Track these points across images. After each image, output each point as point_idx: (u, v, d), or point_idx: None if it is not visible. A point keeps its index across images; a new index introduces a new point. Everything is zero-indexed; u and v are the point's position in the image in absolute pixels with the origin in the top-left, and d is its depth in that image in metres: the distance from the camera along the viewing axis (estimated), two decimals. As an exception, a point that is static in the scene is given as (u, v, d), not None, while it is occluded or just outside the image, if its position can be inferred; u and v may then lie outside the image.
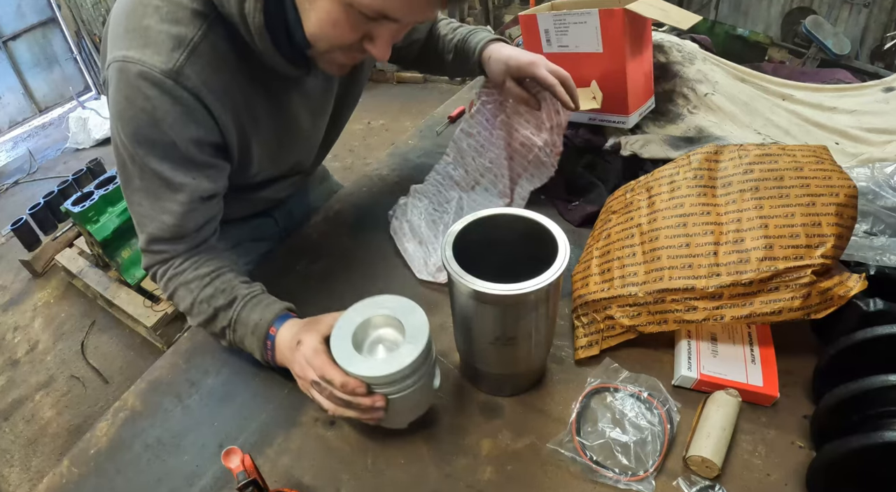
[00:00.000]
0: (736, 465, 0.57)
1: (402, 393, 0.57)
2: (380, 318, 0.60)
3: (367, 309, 0.61)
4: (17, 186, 3.80)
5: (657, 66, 1.11)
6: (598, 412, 0.63)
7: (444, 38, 0.97)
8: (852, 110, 1.08)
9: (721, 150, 0.76)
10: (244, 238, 1.01)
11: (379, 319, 0.61)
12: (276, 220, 1.07)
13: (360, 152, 3.61)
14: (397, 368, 0.54)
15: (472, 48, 0.92)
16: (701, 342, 0.66)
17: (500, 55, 0.88)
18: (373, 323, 0.61)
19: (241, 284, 0.70)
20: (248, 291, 0.69)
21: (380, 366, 0.55)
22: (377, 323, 0.61)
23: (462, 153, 1.02)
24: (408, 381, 0.57)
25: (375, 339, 0.61)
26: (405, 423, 0.63)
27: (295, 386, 0.73)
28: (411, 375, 0.56)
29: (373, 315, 0.60)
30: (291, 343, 0.63)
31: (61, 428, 1.99)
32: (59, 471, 0.67)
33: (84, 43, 4.55)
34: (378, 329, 0.61)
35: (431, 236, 0.92)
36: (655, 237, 0.71)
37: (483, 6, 4.45)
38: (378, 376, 0.55)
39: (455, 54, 0.96)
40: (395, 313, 0.59)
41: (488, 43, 0.92)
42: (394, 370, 0.54)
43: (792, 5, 3.36)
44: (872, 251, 0.66)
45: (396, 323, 0.60)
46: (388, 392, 0.57)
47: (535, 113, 0.92)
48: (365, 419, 0.59)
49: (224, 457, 0.53)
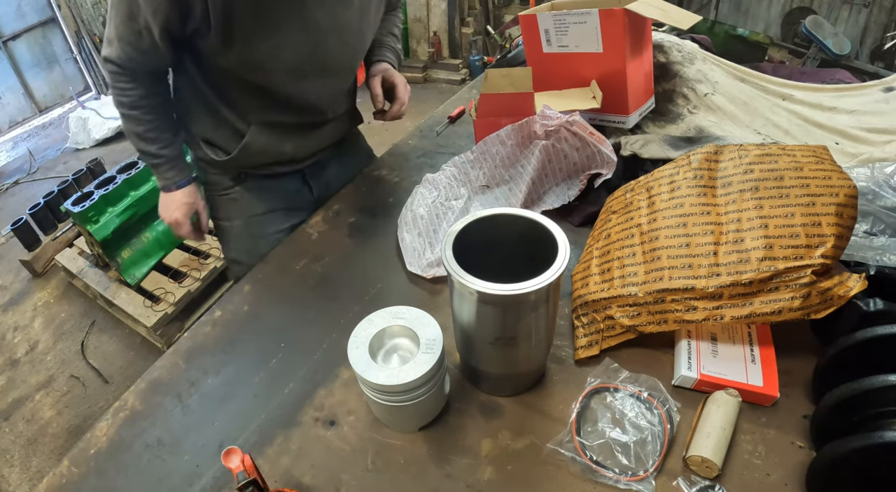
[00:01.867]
0: (736, 465, 0.57)
1: (415, 401, 0.59)
2: (396, 328, 0.62)
3: (383, 319, 0.62)
4: (17, 185, 3.80)
5: (657, 66, 1.11)
6: (598, 412, 0.63)
7: (383, 26, 1.09)
8: (852, 110, 1.08)
9: (721, 150, 0.76)
10: (279, 205, 1.09)
11: (395, 329, 0.63)
12: (312, 188, 1.13)
13: (360, 152, 3.60)
14: (413, 378, 0.56)
15: (376, 55, 1.10)
16: (701, 342, 0.66)
17: (384, 66, 1.07)
18: (388, 332, 0.63)
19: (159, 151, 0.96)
20: (161, 158, 0.97)
21: (396, 375, 0.57)
22: (393, 332, 0.63)
23: (487, 156, 1.02)
24: (421, 389, 0.59)
25: (391, 348, 0.63)
26: (416, 427, 0.65)
27: (296, 385, 0.73)
28: (425, 384, 0.58)
29: (389, 325, 0.62)
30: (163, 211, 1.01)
31: (61, 428, 1.99)
32: (59, 471, 0.67)
33: (84, 43, 4.55)
34: (394, 338, 0.63)
35: (431, 231, 0.92)
36: (655, 237, 0.70)
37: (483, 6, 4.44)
38: (394, 386, 0.56)
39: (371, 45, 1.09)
40: (411, 325, 0.61)
41: (384, 62, 1.09)
42: (409, 380, 0.56)
43: (792, 5, 3.36)
44: (872, 251, 0.66)
45: (412, 334, 0.61)
46: (403, 399, 0.59)
47: (587, 151, 0.94)
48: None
49: (224, 457, 0.53)
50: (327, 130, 1.07)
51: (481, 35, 4.41)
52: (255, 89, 0.91)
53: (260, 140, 0.98)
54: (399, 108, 1.04)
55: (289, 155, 1.05)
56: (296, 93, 0.94)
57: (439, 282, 0.85)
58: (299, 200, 1.12)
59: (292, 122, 1.00)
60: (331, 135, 1.09)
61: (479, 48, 4.33)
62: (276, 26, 0.82)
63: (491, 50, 4.43)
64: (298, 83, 0.93)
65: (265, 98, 0.93)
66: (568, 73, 1.06)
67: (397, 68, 1.09)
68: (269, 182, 1.08)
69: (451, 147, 1.25)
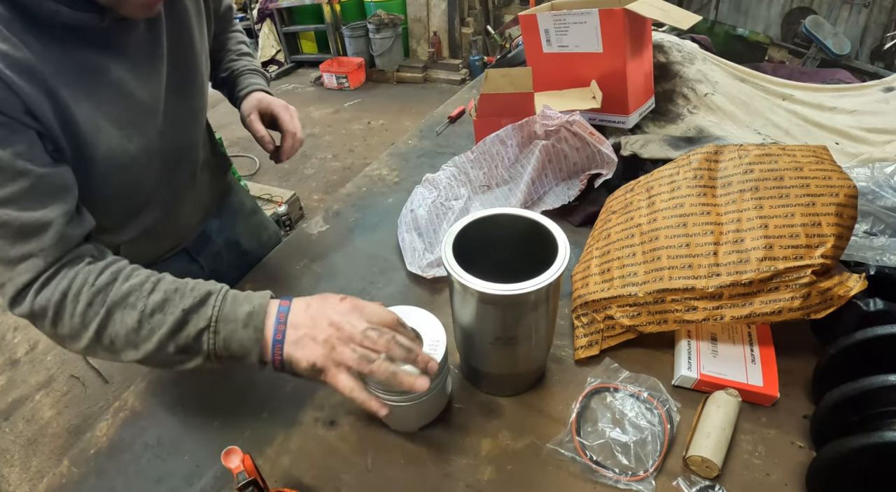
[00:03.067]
0: (736, 465, 0.57)
1: (417, 401, 0.59)
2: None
3: None
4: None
5: (657, 66, 1.11)
6: (598, 412, 0.63)
7: (227, 50, 0.95)
8: (852, 110, 1.08)
9: (721, 150, 0.76)
10: None
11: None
12: (202, 264, 0.94)
13: (360, 152, 3.61)
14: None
15: (241, 86, 0.91)
16: (701, 342, 0.66)
17: (256, 96, 0.89)
18: None
19: (199, 281, 0.57)
20: (219, 286, 0.57)
21: None
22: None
23: (487, 156, 1.01)
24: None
25: None
26: (417, 427, 0.64)
27: (296, 385, 0.72)
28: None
29: None
30: (321, 302, 0.55)
31: (61, 428, 1.99)
32: (59, 471, 0.67)
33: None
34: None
35: (430, 231, 0.92)
36: (655, 237, 0.71)
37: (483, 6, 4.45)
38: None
39: (226, 78, 0.94)
40: (414, 325, 0.60)
41: (254, 91, 0.90)
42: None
43: (792, 5, 3.36)
44: (872, 251, 0.66)
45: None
46: (405, 400, 0.58)
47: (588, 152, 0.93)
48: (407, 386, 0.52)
49: (224, 457, 0.53)
50: (195, 197, 0.87)
51: (481, 35, 4.41)
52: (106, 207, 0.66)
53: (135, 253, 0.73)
54: (293, 141, 0.85)
55: (168, 246, 0.86)
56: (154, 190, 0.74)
57: (439, 282, 0.85)
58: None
59: (154, 204, 0.76)
60: (200, 200, 0.89)
61: (479, 48, 4.33)
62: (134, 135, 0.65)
63: (491, 50, 4.44)
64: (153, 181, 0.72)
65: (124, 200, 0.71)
66: (568, 73, 1.06)
67: (269, 91, 0.91)
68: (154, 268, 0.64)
69: (451, 147, 1.25)
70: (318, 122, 4.13)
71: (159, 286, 0.55)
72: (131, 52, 0.63)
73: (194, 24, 0.72)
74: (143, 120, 0.67)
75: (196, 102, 0.77)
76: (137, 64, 0.64)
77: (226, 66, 0.95)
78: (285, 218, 2.75)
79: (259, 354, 0.54)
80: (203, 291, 0.55)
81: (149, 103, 0.67)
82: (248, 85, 0.90)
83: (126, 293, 0.54)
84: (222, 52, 0.95)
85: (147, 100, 0.66)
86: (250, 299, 0.55)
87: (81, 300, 0.53)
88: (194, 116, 0.78)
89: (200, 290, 0.55)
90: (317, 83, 4.83)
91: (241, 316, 0.54)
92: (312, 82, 4.88)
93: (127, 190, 0.70)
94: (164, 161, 0.73)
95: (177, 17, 0.69)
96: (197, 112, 0.78)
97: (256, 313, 0.54)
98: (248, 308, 0.54)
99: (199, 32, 0.74)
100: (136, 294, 0.54)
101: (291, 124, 0.86)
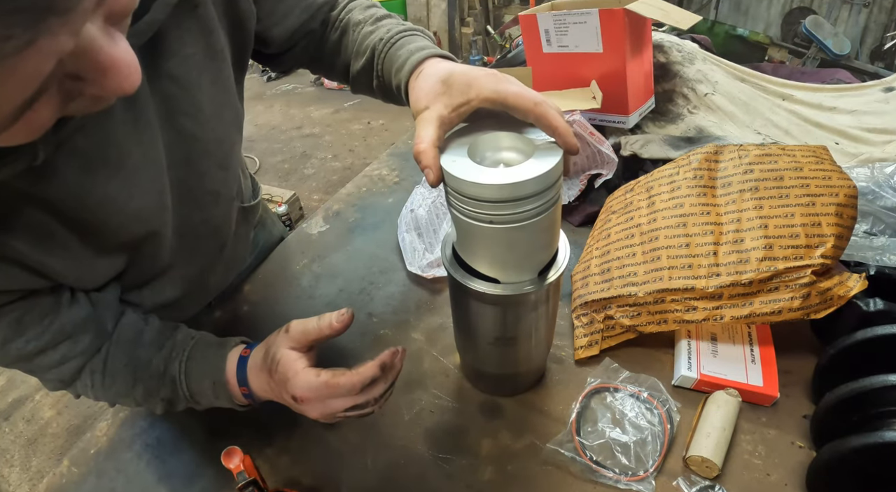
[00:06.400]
0: (736, 465, 0.57)
1: (534, 219, 0.44)
2: (506, 138, 0.47)
3: (490, 129, 0.48)
4: (17, 186, 3.81)
5: (657, 66, 1.11)
6: (598, 412, 0.63)
7: (357, 28, 0.62)
8: (852, 110, 1.08)
9: (721, 150, 0.76)
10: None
11: (505, 140, 0.48)
12: (212, 304, 0.86)
13: (360, 152, 3.61)
14: (536, 173, 0.42)
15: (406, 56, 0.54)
16: (701, 342, 0.66)
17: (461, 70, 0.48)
18: (492, 143, 0.48)
19: (162, 353, 0.57)
20: (177, 355, 0.57)
21: (513, 174, 0.42)
22: (501, 144, 0.48)
23: None
24: (544, 200, 0.44)
25: (494, 161, 0.47)
26: (534, 273, 0.51)
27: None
28: (549, 188, 0.44)
29: (498, 132, 0.48)
30: (276, 389, 0.53)
31: (61, 428, 1.99)
32: (59, 471, 0.67)
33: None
34: (500, 152, 0.48)
35: (430, 231, 0.92)
36: (655, 237, 0.71)
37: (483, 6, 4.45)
38: (513, 183, 0.41)
39: (369, 57, 0.60)
40: (525, 133, 0.47)
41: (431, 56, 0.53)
42: (532, 177, 0.41)
43: (792, 5, 3.36)
44: (872, 251, 0.66)
45: (522, 147, 0.47)
46: (520, 216, 0.44)
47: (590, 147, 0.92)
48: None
49: (224, 457, 0.53)
50: (226, 257, 0.73)
51: (481, 35, 4.41)
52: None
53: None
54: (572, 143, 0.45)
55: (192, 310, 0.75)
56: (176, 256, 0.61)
57: (439, 282, 0.85)
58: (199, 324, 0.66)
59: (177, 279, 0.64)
60: (232, 258, 0.77)
61: (479, 48, 4.33)
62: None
63: (491, 50, 4.43)
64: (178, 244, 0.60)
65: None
66: (568, 73, 1.06)
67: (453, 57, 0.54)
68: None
69: (451, 147, 1.25)
70: (318, 122, 4.13)
71: (137, 384, 0.57)
72: (104, 152, 0.45)
73: (203, 79, 0.52)
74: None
75: (213, 174, 0.58)
76: (120, 159, 0.47)
77: (365, 54, 0.60)
78: (285, 218, 2.75)
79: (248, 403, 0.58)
80: (168, 376, 0.57)
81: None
82: (416, 56, 0.53)
83: (115, 395, 0.58)
84: (354, 47, 0.62)
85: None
86: (207, 373, 0.57)
87: (91, 394, 0.58)
88: (217, 195, 0.61)
89: (167, 374, 0.57)
90: (317, 83, 4.82)
91: (207, 390, 0.57)
92: (312, 82, 4.87)
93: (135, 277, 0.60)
94: (180, 237, 0.59)
95: (171, 75, 0.49)
96: (218, 188, 0.61)
97: (219, 385, 0.56)
98: (209, 383, 0.57)
99: (210, 82, 0.53)
100: (123, 397, 0.58)
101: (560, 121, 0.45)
